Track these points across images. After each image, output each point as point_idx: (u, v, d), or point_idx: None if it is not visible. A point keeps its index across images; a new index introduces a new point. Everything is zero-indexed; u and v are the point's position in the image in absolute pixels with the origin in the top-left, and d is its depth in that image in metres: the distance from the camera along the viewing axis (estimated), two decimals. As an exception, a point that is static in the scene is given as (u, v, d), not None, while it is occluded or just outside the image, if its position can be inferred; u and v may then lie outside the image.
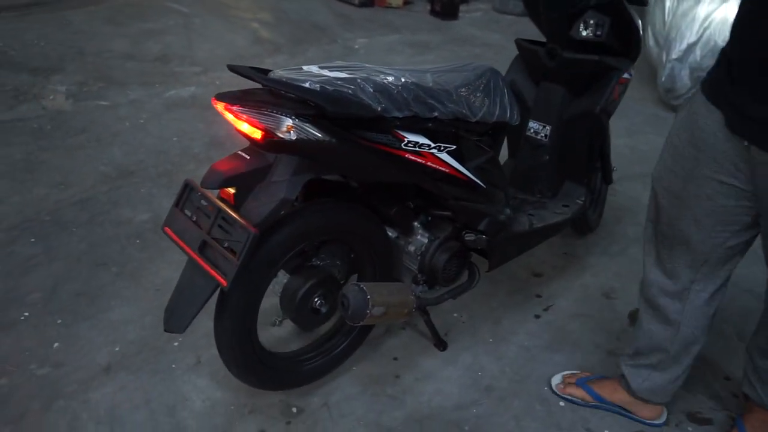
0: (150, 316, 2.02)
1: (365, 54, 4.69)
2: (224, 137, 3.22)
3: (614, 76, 2.02)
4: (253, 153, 1.43)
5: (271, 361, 1.65)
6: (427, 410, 1.75)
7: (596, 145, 2.15)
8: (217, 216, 1.38)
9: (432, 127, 1.56)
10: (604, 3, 1.91)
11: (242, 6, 5.53)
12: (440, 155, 1.60)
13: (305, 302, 1.60)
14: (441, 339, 1.95)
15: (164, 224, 1.49)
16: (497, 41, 5.14)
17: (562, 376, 1.86)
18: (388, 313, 1.54)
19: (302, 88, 1.33)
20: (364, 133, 1.44)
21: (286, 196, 1.38)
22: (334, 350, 1.81)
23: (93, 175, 2.80)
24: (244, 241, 1.32)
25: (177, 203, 1.48)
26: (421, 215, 1.81)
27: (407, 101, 1.46)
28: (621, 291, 2.27)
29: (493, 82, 1.71)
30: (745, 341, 1.70)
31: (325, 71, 1.43)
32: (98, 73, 3.90)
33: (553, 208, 2.15)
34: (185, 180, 1.48)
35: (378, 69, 1.51)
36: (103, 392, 1.75)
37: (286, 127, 1.32)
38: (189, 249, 1.42)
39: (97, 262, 2.26)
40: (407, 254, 1.81)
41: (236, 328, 1.51)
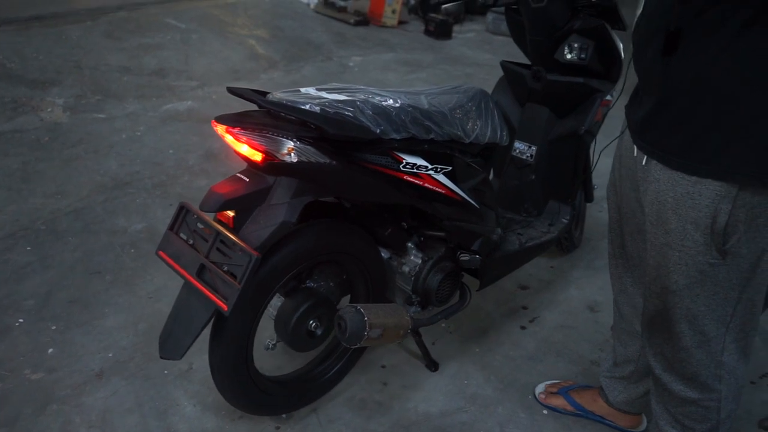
0: (143, 323, 2.06)
1: (359, 71, 4.77)
2: (219, 150, 3.27)
3: (598, 98, 2.08)
4: (252, 175, 1.42)
5: (265, 386, 1.62)
6: (413, 416, 1.79)
7: (581, 165, 2.20)
8: (216, 239, 1.37)
9: (428, 148, 1.57)
10: (588, 27, 1.98)
11: (239, 23, 5.62)
12: (437, 176, 1.61)
13: (301, 325, 1.58)
14: (432, 360, 1.95)
15: (159, 248, 1.47)
16: (489, 61, 5.25)
17: (545, 385, 1.90)
18: (384, 335, 1.52)
19: (303, 110, 1.34)
20: (364, 155, 1.45)
21: (286, 219, 1.38)
22: (328, 373, 1.79)
23: (89, 186, 2.85)
24: (246, 264, 1.31)
25: (172, 227, 1.46)
26: (413, 236, 1.82)
27: (405, 123, 1.48)
28: (604, 304, 2.32)
29: (484, 104, 1.74)
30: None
31: (323, 93, 1.44)
32: (95, 86, 3.96)
33: (540, 227, 2.19)
34: (180, 203, 1.47)
35: (374, 91, 1.52)
36: (96, 397, 1.78)
37: (286, 150, 1.32)
38: (186, 273, 1.39)
39: (91, 270, 2.30)
40: (400, 275, 1.82)
41: (234, 353, 1.49)
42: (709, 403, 1.35)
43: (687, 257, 1.17)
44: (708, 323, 1.24)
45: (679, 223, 1.15)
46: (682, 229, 1.15)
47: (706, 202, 1.10)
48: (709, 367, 1.30)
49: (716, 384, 1.32)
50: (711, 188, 1.09)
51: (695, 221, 1.13)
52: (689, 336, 1.27)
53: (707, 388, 1.33)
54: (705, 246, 1.14)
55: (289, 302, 1.59)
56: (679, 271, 1.20)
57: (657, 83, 1.14)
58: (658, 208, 1.19)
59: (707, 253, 1.15)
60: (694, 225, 1.13)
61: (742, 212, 1.09)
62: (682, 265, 1.19)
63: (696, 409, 1.37)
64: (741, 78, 1.03)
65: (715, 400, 1.34)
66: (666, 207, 1.16)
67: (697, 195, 1.11)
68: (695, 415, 1.37)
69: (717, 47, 1.03)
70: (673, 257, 1.19)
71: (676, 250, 1.18)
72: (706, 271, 1.17)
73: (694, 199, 1.11)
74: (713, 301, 1.21)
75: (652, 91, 1.17)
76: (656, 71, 1.13)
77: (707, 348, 1.27)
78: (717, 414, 1.36)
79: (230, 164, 3.13)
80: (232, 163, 3.13)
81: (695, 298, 1.21)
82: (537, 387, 1.90)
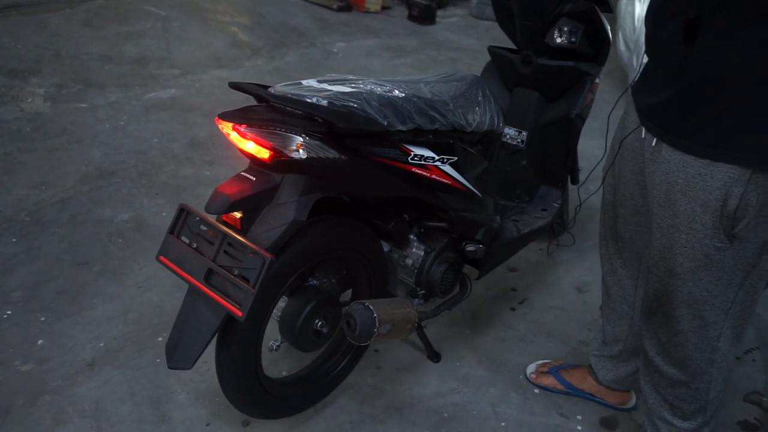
0: (133, 313, 2.05)
1: (344, 58, 4.75)
2: (204, 138, 3.25)
3: (588, 81, 2.08)
4: (258, 174, 1.36)
5: (274, 390, 1.59)
6: (407, 399, 1.80)
7: (572, 149, 2.20)
8: (223, 242, 1.31)
9: (432, 139, 1.54)
10: (578, 10, 1.98)
11: (220, 9, 5.55)
12: (443, 167, 1.59)
13: (307, 325, 1.52)
14: (435, 351, 1.94)
15: (159, 253, 1.40)
16: (473, 46, 5.24)
17: (536, 365, 1.93)
18: (393, 330, 1.49)
19: (311, 104, 1.29)
20: (372, 148, 1.40)
21: (297, 218, 1.33)
22: (335, 369, 1.76)
23: (73, 176, 2.81)
24: (260, 267, 1.25)
25: (172, 230, 1.39)
26: (414, 227, 1.80)
27: (411, 114, 1.45)
28: (592, 284, 2.35)
29: (482, 91, 1.72)
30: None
31: (325, 85, 1.40)
32: (76, 75, 3.90)
33: (533, 213, 2.18)
34: (180, 205, 1.39)
35: (375, 81, 1.49)
36: (88, 387, 1.77)
37: (295, 146, 1.27)
38: (193, 279, 1.33)
39: (78, 260, 2.28)
40: (402, 267, 1.79)
41: (244, 360, 1.44)
42: (699, 386, 1.37)
43: (694, 240, 1.17)
44: (708, 309, 1.24)
45: (688, 205, 1.15)
46: (690, 211, 1.15)
47: (718, 184, 1.10)
48: (704, 352, 1.31)
49: (708, 367, 1.33)
50: (723, 171, 1.09)
51: (705, 203, 1.12)
52: (688, 320, 1.28)
53: (699, 371, 1.34)
54: (713, 229, 1.14)
55: (294, 302, 1.53)
56: (684, 253, 1.19)
57: (673, 68, 1.13)
58: (667, 189, 1.18)
59: (715, 236, 1.14)
60: (704, 207, 1.13)
61: (753, 196, 1.09)
62: (688, 248, 1.18)
63: (686, 391, 1.39)
64: (761, 64, 1.02)
65: (705, 383, 1.36)
66: (675, 189, 1.16)
67: (709, 177, 1.10)
68: (685, 396, 1.40)
69: (737, 34, 1.02)
70: (679, 239, 1.19)
71: (683, 232, 1.18)
72: (712, 255, 1.17)
73: (705, 181, 1.11)
74: (716, 286, 1.21)
75: (667, 75, 1.16)
76: (673, 56, 1.12)
77: (704, 333, 1.28)
78: (706, 395, 1.38)
79: (216, 152, 3.11)
80: (217, 152, 3.11)
81: (698, 282, 1.21)
82: (528, 367, 1.92)
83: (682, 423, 1.44)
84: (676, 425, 1.45)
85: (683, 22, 1.07)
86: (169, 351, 1.37)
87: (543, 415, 1.79)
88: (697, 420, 1.43)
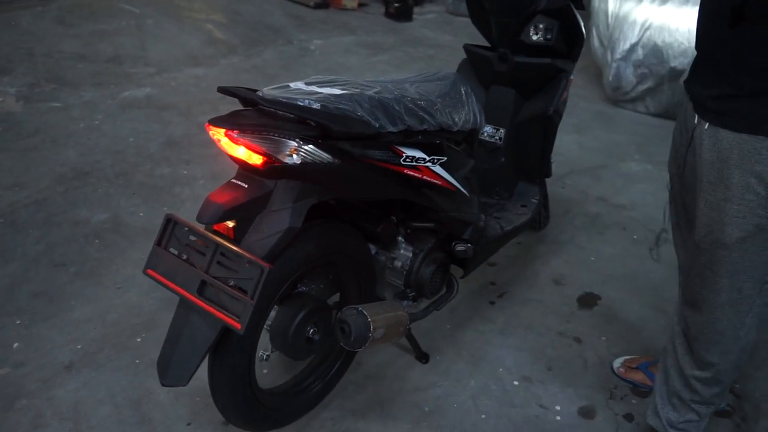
0: (112, 314, 2.03)
1: (321, 55, 4.74)
2: (180, 137, 3.22)
3: (563, 78, 2.10)
4: (250, 181, 1.33)
5: (268, 401, 1.55)
6: (388, 393, 1.82)
7: (549, 145, 2.22)
8: (216, 252, 1.26)
9: (422, 140, 1.53)
10: (553, 7, 1.99)
11: (195, 7, 5.50)
12: (434, 168, 1.58)
13: (299, 333, 1.48)
14: (423, 352, 1.93)
15: (146, 267, 1.34)
16: (450, 42, 5.26)
17: (623, 360, 1.96)
18: (386, 335, 1.47)
19: (304, 108, 1.27)
20: (365, 151, 1.38)
21: (292, 225, 1.30)
22: (327, 374, 1.73)
23: (48, 176, 2.77)
24: (258, 277, 1.21)
25: (159, 242, 1.33)
26: (400, 228, 1.78)
27: (401, 115, 1.43)
28: (569, 277, 2.39)
29: (464, 90, 1.72)
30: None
31: (314, 87, 1.37)
32: (49, 74, 3.84)
33: (514, 210, 2.20)
34: (166, 215, 1.34)
35: (362, 82, 1.47)
36: (66, 389, 1.75)
37: (289, 151, 1.24)
38: (185, 292, 1.28)
39: (55, 262, 2.25)
40: (391, 270, 1.77)
41: (239, 372, 1.40)
42: (725, 367, 1.44)
43: (746, 210, 1.24)
44: (747, 280, 1.31)
45: (742, 177, 1.22)
46: (745, 183, 1.22)
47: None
48: (734, 327, 1.38)
49: (733, 345, 1.41)
50: None
51: (759, 174, 1.19)
52: (727, 292, 1.34)
53: (726, 349, 1.41)
54: (766, 199, 1.21)
55: (285, 310, 1.49)
56: (735, 224, 1.26)
57: (722, 56, 1.20)
58: (720, 166, 1.25)
59: (766, 206, 1.22)
60: (758, 178, 1.20)
61: None
62: (739, 218, 1.25)
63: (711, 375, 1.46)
64: None
65: (731, 363, 1.44)
66: (730, 163, 1.22)
67: (765, 150, 1.17)
68: (709, 380, 1.47)
69: None
70: (731, 211, 1.25)
71: (735, 203, 1.24)
72: (762, 225, 1.24)
73: (760, 154, 1.18)
74: (759, 257, 1.28)
75: (717, 64, 1.24)
76: (722, 45, 1.20)
77: (738, 307, 1.35)
78: (727, 376, 1.46)
79: (193, 151, 3.09)
80: (194, 150, 3.09)
81: (744, 253, 1.28)
82: (614, 362, 1.96)
83: (700, 407, 1.52)
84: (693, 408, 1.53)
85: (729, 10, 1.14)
86: (162, 368, 1.32)
87: (522, 406, 1.81)
88: (715, 403, 1.52)
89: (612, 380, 1.91)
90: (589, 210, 2.86)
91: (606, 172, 3.24)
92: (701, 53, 1.33)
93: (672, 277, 1.80)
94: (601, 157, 3.40)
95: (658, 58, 3.80)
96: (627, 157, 3.42)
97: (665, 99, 3.90)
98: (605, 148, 3.52)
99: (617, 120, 3.95)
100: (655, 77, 3.86)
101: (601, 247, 2.58)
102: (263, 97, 1.29)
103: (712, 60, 1.27)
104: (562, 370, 1.94)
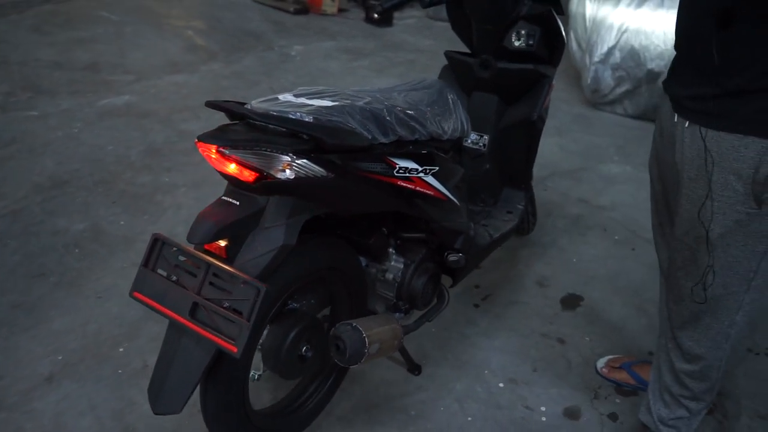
0: (92, 324, 2.00)
1: (302, 61, 4.73)
2: (161, 144, 3.19)
3: (546, 83, 2.11)
4: (242, 197, 1.29)
5: (260, 422, 1.51)
6: (374, 399, 1.81)
7: (533, 150, 2.22)
8: (207, 272, 1.22)
9: (413, 150, 1.51)
10: (535, 13, 2.00)
11: (174, 14, 5.46)
12: (426, 178, 1.55)
13: (293, 351, 1.43)
14: (415, 363, 1.91)
15: (133, 289, 1.29)
16: (430, 47, 5.29)
17: (606, 360, 1.97)
18: (381, 349, 1.44)
19: (297, 121, 1.24)
20: (358, 163, 1.35)
21: (287, 242, 1.27)
22: (320, 391, 1.70)
23: (25, 186, 2.73)
24: (254, 298, 1.17)
25: (146, 263, 1.28)
26: (391, 240, 1.75)
27: (393, 125, 1.41)
28: (552, 278, 2.41)
29: (451, 98, 1.70)
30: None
31: (304, 99, 1.35)
32: (25, 82, 3.78)
33: (500, 216, 2.19)
34: (153, 235, 1.28)
35: (351, 93, 1.45)
36: (47, 401, 1.72)
37: (282, 166, 1.20)
38: (176, 315, 1.22)
39: (33, 272, 2.22)
40: (382, 282, 1.74)
41: (234, 394, 1.36)
42: (713, 362, 1.45)
43: (726, 206, 1.26)
44: (732, 276, 1.33)
45: (721, 175, 1.24)
46: (724, 180, 1.24)
47: (752, 154, 1.19)
48: (722, 323, 1.40)
49: (723, 343, 1.42)
50: (756, 143, 1.18)
51: (738, 172, 1.21)
52: (712, 288, 1.35)
53: (715, 345, 1.43)
54: (744, 195, 1.23)
55: (277, 329, 1.44)
56: (715, 220, 1.28)
57: (705, 57, 1.21)
58: (700, 163, 1.26)
59: (745, 202, 1.24)
60: (737, 175, 1.22)
61: None
62: (719, 214, 1.27)
63: (700, 369, 1.47)
64: None
65: (718, 360, 1.45)
66: (709, 161, 1.25)
67: (743, 148, 1.19)
68: (698, 374, 1.49)
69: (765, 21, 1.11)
70: (711, 207, 1.27)
71: (715, 200, 1.26)
72: (742, 221, 1.26)
73: (738, 152, 1.20)
74: (741, 252, 1.29)
75: (699, 64, 1.25)
76: (705, 46, 1.20)
77: (725, 303, 1.37)
78: (717, 373, 1.48)
79: (174, 158, 3.06)
80: (175, 158, 3.07)
81: (726, 248, 1.30)
82: (598, 362, 1.97)
83: (690, 403, 1.54)
84: (683, 404, 1.55)
85: (716, 12, 1.16)
86: (153, 395, 1.26)
87: (508, 408, 1.82)
88: (705, 400, 1.54)
89: (596, 380, 1.93)
90: (571, 212, 2.89)
91: (586, 174, 3.27)
92: (681, 54, 1.35)
93: (652, 276, 1.82)
94: (582, 159, 3.44)
95: (635, 61, 3.85)
96: (607, 159, 3.46)
97: (643, 101, 3.95)
98: (585, 151, 3.55)
99: (596, 122, 4.00)
100: (632, 80, 3.92)
101: (582, 249, 2.61)
102: (253, 110, 1.26)
103: (692, 60, 1.29)
104: (546, 371, 1.96)
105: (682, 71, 1.35)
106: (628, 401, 1.87)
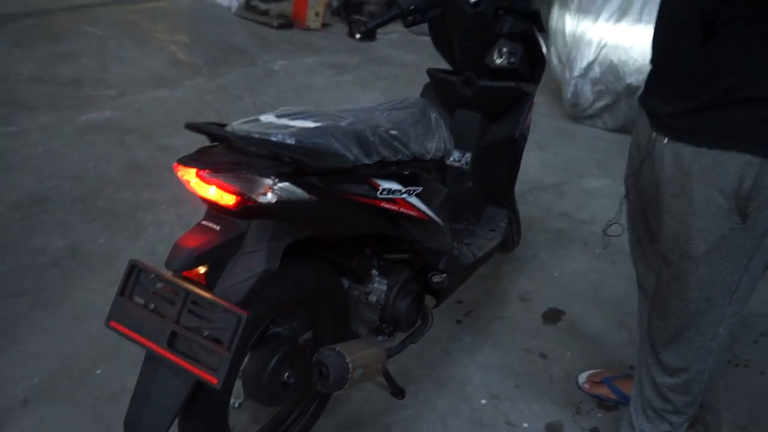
0: (70, 345, 1.97)
1: (285, 76, 4.74)
2: (143, 160, 3.17)
3: (527, 101, 2.11)
4: (222, 222, 1.26)
5: None
6: (357, 418, 1.80)
7: (516, 168, 2.22)
8: (186, 300, 1.18)
9: (396, 171, 1.49)
10: (517, 31, 2.01)
11: (159, 28, 5.45)
12: (410, 199, 1.54)
13: (275, 378, 1.41)
14: (399, 387, 1.89)
15: (109, 319, 1.24)
16: (413, 62, 5.32)
17: (587, 375, 1.97)
18: (366, 373, 1.42)
19: (279, 144, 1.21)
20: (341, 186, 1.33)
21: (268, 267, 1.24)
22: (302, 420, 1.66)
23: (3, 203, 2.69)
24: (234, 326, 1.13)
25: (122, 291, 1.24)
26: (374, 261, 1.72)
27: (376, 146, 1.39)
28: (534, 293, 2.41)
29: (434, 116, 1.69)
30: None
31: (286, 120, 1.32)
32: (5, 97, 3.74)
33: (483, 235, 2.18)
34: (130, 261, 1.24)
35: (332, 113, 1.43)
36: (21, 427, 1.69)
37: (263, 189, 1.18)
38: (153, 345, 1.18)
39: (10, 292, 2.18)
40: (365, 304, 1.71)
41: (212, 424, 1.33)
42: (695, 375, 1.46)
43: (711, 222, 1.25)
44: (716, 290, 1.33)
45: (704, 191, 1.23)
46: (707, 196, 1.23)
47: (734, 169, 1.18)
48: (705, 336, 1.40)
49: (706, 356, 1.42)
50: (738, 157, 1.18)
51: (721, 187, 1.21)
52: (696, 302, 1.35)
53: (698, 358, 1.43)
54: (729, 211, 1.22)
55: (258, 355, 1.40)
56: (700, 236, 1.27)
57: (684, 72, 1.22)
58: (682, 179, 1.26)
59: (730, 217, 1.23)
60: (720, 191, 1.21)
61: (766, 179, 1.18)
62: (704, 231, 1.26)
63: (682, 382, 1.47)
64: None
65: (700, 372, 1.45)
66: (691, 177, 1.24)
67: (725, 163, 1.19)
68: (680, 387, 1.49)
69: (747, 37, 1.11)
70: (696, 224, 1.27)
71: (699, 216, 1.26)
72: (727, 236, 1.25)
73: (721, 167, 1.20)
74: (725, 267, 1.29)
75: (677, 80, 1.25)
76: (684, 61, 1.21)
77: (708, 316, 1.36)
78: (699, 386, 1.48)
79: (156, 174, 3.04)
80: (157, 173, 3.05)
81: (710, 264, 1.29)
82: (579, 377, 1.97)
83: (672, 417, 1.54)
84: (666, 418, 1.55)
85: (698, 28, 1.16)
86: (130, 428, 1.22)
87: (491, 425, 1.81)
88: (687, 414, 1.54)
89: (578, 395, 1.94)
90: (552, 226, 2.91)
91: (567, 187, 3.30)
92: (657, 68, 1.35)
93: (632, 290, 1.83)
94: (563, 173, 3.47)
95: (614, 76, 3.90)
96: (587, 173, 3.49)
97: (622, 115, 4.00)
98: (566, 164, 3.58)
99: (577, 136, 4.04)
100: (611, 94, 3.96)
101: (564, 262, 2.62)
102: (235, 133, 1.23)
103: (669, 74, 1.29)
104: (528, 386, 1.96)
105: (659, 86, 1.35)
106: (610, 416, 1.88)
